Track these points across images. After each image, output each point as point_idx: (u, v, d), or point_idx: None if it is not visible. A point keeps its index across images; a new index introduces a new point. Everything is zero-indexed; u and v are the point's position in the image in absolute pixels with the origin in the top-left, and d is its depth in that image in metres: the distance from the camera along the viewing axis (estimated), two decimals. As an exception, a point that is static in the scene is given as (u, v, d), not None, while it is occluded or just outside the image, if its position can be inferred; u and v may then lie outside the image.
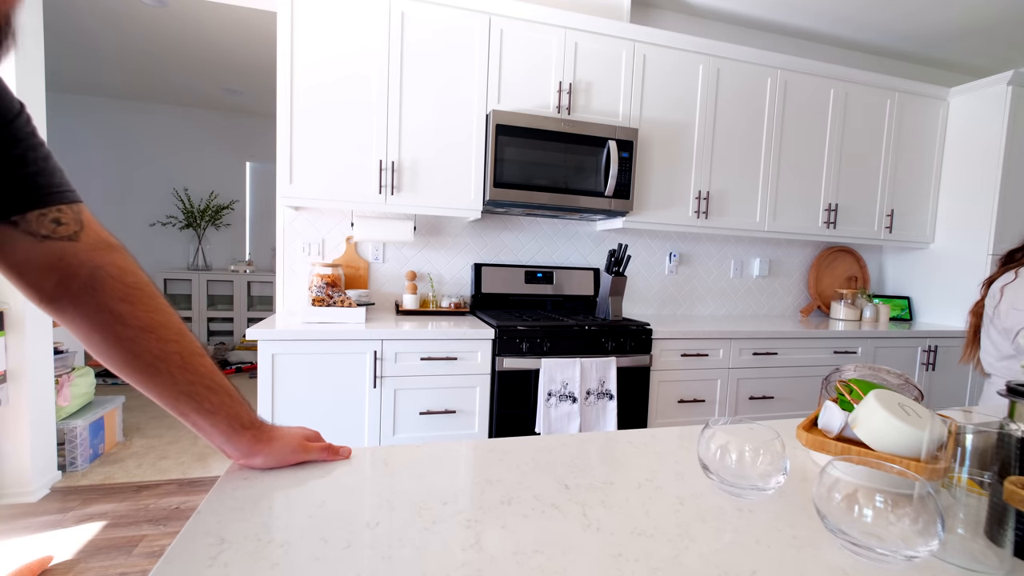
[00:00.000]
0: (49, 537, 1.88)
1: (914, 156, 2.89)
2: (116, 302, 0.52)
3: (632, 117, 2.34)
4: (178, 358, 0.55)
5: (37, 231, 0.49)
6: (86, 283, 0.51)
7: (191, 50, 3.37)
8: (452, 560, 0.47)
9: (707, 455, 0.64)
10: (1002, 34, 2.90)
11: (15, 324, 2.08)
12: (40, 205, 0.49)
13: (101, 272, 0.52)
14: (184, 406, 0.56)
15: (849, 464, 0.54)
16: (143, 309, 0.54)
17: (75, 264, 0.51)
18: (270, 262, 4.95)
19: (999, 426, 0.55)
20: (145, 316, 0.54)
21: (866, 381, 0.83)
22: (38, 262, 0.49)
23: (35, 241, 0.49)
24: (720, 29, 2.90)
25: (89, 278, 0.51)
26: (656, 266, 2.83)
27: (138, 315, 0.53)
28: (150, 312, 0.54)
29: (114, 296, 0.52)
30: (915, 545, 0.47)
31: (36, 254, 0.49)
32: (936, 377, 2.66)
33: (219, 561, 0.45)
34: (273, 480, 0.62)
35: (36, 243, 0.49)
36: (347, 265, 2.36)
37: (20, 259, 0.49)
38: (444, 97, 2.11)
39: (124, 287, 0.53)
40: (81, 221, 0.52)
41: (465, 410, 1.97)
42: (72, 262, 0.51)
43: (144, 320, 0.53)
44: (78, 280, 0.51)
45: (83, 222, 0.52)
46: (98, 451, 2.60)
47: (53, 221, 0.49)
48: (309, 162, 2.00)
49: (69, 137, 4.44)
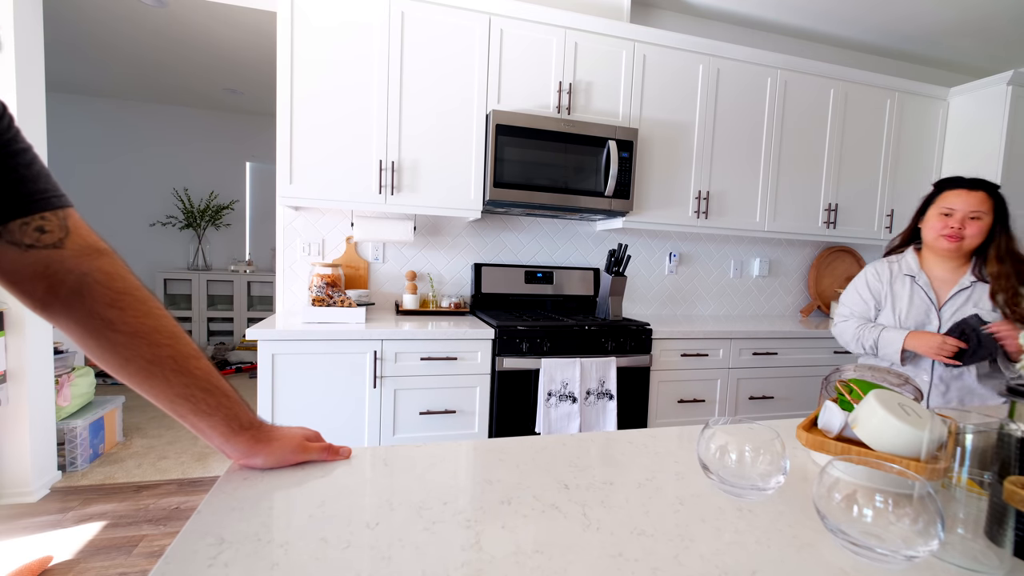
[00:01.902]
0: (49, 537, 1.88)
1: (914, 156, 2.89)
2: (105, 308, 0.52)
3: (632, 117, 2.34)
4: (172, 362, 0.55)
5: (21, 240, 0.48)
6: (74, 290, 0.51)
7: (191, 50, 3.37)
8: (452, 560, 0.47)
9: (707, 455, 0.64)
10: (1001, 34, 2.90)
11: (15, 324, 2.08)
12: (22, 214, 0.48)
13: (88, 279, 0.51)
14: (181, 408, 0.56)
15: (849, 464, 0.54)
16: (133, 314, 0.53)
17: (62, 272, 0.50)
18: (270, 262, 4.95)
19: (999, 426, 0.55)
20: (135, 321, 0.53)
21: (866, 381, 0.83)
22: (26, 271, 0.49)
23: (19, 251, 0.48)
24: (720, 29, 2.90)
25: (77, 285, 0.51)
26: (656, 266, 2.83)
27: (127, 320, 0.53)
28: (140, 317, 0.54)
29: (102, 302, 0.52)
30: (915, 545, 0.47)
31: (22, 263, 0.49)
32: (936, 377, 2.66)
33: (219, 561, 0.45)
34: (273, 480, 0.62)
35: (21, 252, 0.48)
36: (347, 265, 2.35)
37: (8, 268, 0.49)
38: (444, 97, 2.11)
39: (112, 293, 0.52)
40: (67, 227, 0.51)
41: (465, 410, 1.97)
42: (59, 269, 0.50)
43: (134, 325, 0.53)
44: (66, 287, 0.51)
45: (68, 228, 0.51)
46: (98, 451, 2.60)
47: (37, 230, 0.49)
48: (309, 162, 2.00)
49: (69, 137, 4.44)
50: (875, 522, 0.49)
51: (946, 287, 1.48)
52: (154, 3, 2.69)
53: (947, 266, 1.49)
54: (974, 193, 1.40)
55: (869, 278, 1.59)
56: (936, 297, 1.47)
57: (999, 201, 1.44)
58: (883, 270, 1.56)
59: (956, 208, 1.41)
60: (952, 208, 1.41)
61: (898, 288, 1.52)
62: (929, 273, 1.51)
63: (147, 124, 4.61)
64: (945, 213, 1.42)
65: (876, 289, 1.57)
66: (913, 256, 1.55)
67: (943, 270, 1.49)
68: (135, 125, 4.58)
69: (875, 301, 1.56)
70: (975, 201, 1.39)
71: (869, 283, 1.58)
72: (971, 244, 1.42)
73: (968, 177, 1.46)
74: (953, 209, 1.41)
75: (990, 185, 1.43)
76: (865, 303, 1.58)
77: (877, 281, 1.56)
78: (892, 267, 1.55)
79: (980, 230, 1.39)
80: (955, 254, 1.45)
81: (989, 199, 1.41)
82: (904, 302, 1.50)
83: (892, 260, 1.57)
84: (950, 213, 1.41)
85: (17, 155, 0.47)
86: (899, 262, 1.56)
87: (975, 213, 1.39)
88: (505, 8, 2.12)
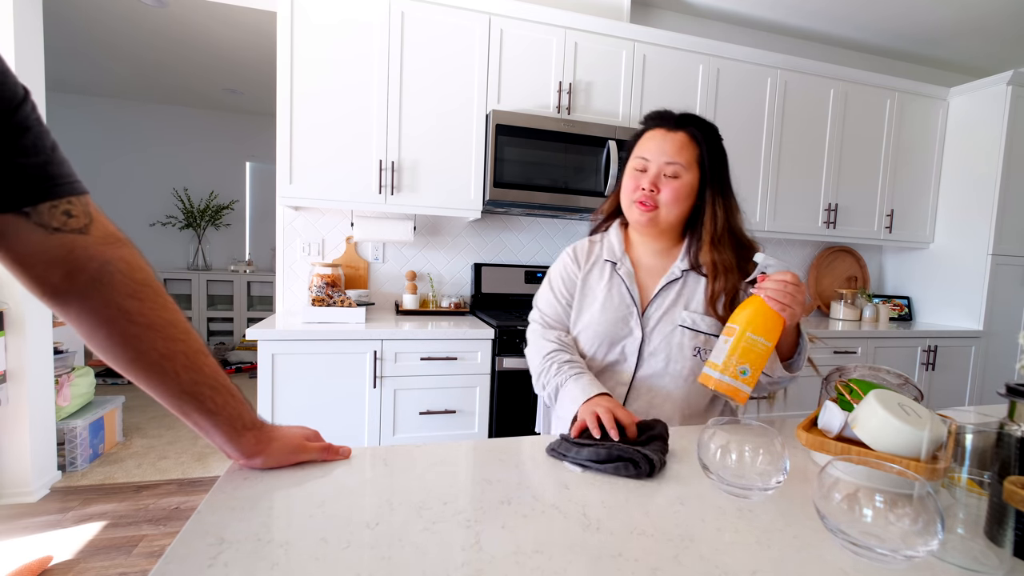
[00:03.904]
0: (49, 537, 1.88)
1: (914, 156, 2.89)
2: (124, 298, 0.51)
3: (632, 117, 2.34)
4: (184, 357, 0.54)
5: (49, 223, 0.47)
6: (94, 277, 0.50)
7: (191, 50, 3.36)
8: (452, 560, 0.47)
9: (707, 455, 0.64)
10: (1001, 33, 2.90)
11: (15, 324, 2.08)
12: (52, 196, 0.47)
13: (110, 267, 0.50)
14: (187, 405, 0.56)
15: (849, 464, 0.54)
16: (151, 306, 0.52)
17: (84, 258, 0.49)
18: (270, 262, 4.94)
19: (999, 426, 0.55)
20: (152, 314, 0.52)
21: (866, 381, 0.83)
22: (47, 255, 0.48)
23: (46, 233, 0.47)
24: (720, 29, 2.90)
25: (98, 272, 0.50)
26: (656, 266, 2.83)
27: (145, 312, 0.52)
28: (157, 310, 0.53)
29: (123, 292, 0.51)
30: (915, 545, 0.47)
31: (46, 247, 0.47)
32: (936, 377, 2.66)
33: (219, 561, 0.45)
34: (273, 480, 0.62)
35: (47, 235, 0.47)
36: (347, 265, 2.35)
37: (28, 251, 0.47)
38: (444, 96, 2.11)
39: (133, 283, 0.52)
40: (90, 213, 0.50)
41: (465, 410, 1.97)
42: (81, 255, 0.49)
43: (151, 318, 0.52)
44: (86, 274, 0.50)
45: (91, 215, 0.50)
46: (98, 451, 2.60)
47: (64, 213, 0.48)
48: (309, 162, 2.00)
49: (69, 137, 4.43)
50: (875, 522, 0.49)
51: (654, 280, 1.02)
52: (154, 3, 2.68)
53: (652, 248, 1.04)
54: (672, 135, 0.95)
55: (565, 265, 1.08)
56: (640, 295, 1.01)
57: (711, 148, 0.96)
58: (583, 253, 1.08)
59: (650, 159, 0.95)
60: (646, 159, 0.96)
61: (594, 280, 1.04)
62: (635, 259, 1.05)
63: (147, 124, 4.61)
64: (639, 168, 0.97)
65: (570, 282, 1.06)
66: (618, 234, 1.06)
67: (649, 254, 1.04)
68: (135, 125, 4.58)
69: (568, 298, 1.06)
70: (672, 148, 0.94)
71: (563, 272, 1.08)
72: (669, 216, 0.96)
73: (677, 112, 0.99)
74: (647, 161, 0.96)
75: (699, 122, 0.97)
76: (559, 302, 1.06)
77: (574, 268, 1.06)
78: (594, 249, 1.08)
79: (677, 194, 0.94)
80: (655, 231, 1.00)
81: (693, 145, 0.95)
82: (598, 302, 1.01)
83: (595, 240, 1.10)
84: (644, 168, 0.96)
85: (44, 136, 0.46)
86: (602, 242, 1.08)
87: (672, 167, 0.94)
88: (505, 8, 2.12)
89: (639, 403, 0.99)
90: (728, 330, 0.80)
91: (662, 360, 0.98)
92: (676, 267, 1.00)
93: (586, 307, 1.03)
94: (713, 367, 0.79)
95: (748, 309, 0.79)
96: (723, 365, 0.77)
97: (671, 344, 0.97)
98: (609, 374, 1.01)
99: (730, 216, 0.97)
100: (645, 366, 0.99)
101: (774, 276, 0.79)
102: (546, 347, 1.00)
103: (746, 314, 0.79)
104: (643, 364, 0.99)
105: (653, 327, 0.98)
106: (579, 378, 0.90)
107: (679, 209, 0.96)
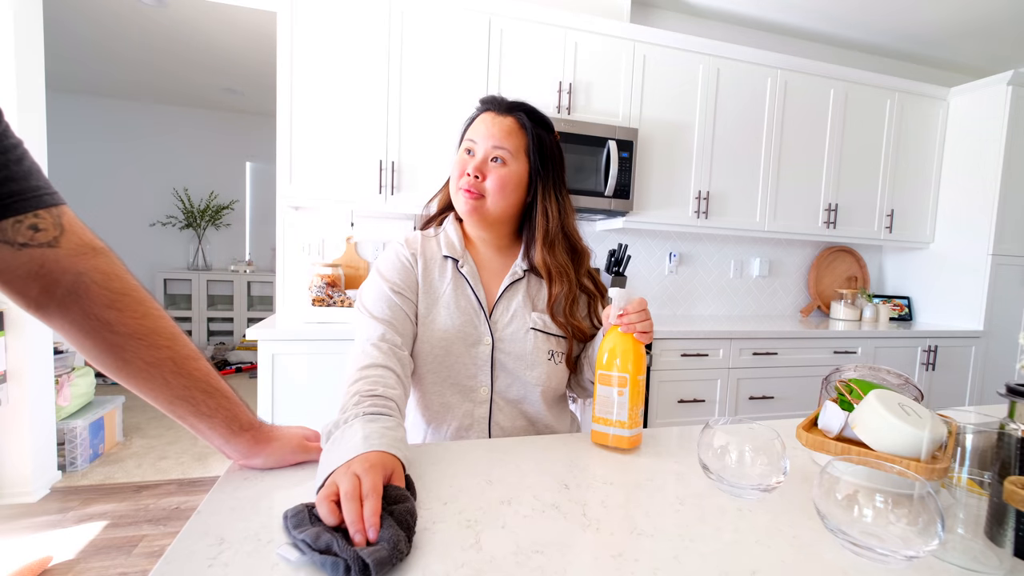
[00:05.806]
0: (49, 537, 1.88)
1: (914, 156, 2.89)
2: (103, 309, 0.50)
3: (632, 117, 2.34)
4: (171, 363, 0.54)
5: (14, 239, 0.46)
6: (70, 290, 0.49)
7: (191, 50, 3.36)
8: (452, 560, 0.47)
9: (707, 455, 0.64)
10: (1001, 33, 2.90)
11: (15, 324, 2.08)
12: (16, 212, 0.46)
13: (85, 279, 0.50)
14: (181, 410, 0.56)
15: (849, 464, 0.54)
16: (131, 315, 0.52)
17: (57, 271, 0.49)
18: (270, 262, 4.94)
19: (999, 426, 0.55)
20: (133, 323, 0.52)
21: (866, 381, 0.83)
22: (20, 270, 0.47)
23: (13, 250, 0.46)
24: (720, 29, 2.90)
25: (73, 285, 0.49)
26: (656, 266, 2.83)
27: (126, 322, 0.52)
28: (138, 318, 0.53)
29: (100, 303, 0.50)
30: (915, 545, 0.47)
31: (16, 263, 0.47)
32: (936, 377, 2.66)
33: (219, 561, 0.45)
34: (273, 480, 0.62)
35: (15, 251, 0.47)
36: (347, 265, 2.35)
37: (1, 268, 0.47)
38: (444, 96, 2.11)
39: (111, 293, 0.51)
40: (61, 225, 0.49)
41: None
42: (54, 268, 0.48)
43: (133, 327, 0.52)
44: (61, 287, 0.49)
45: (63, 226, 0.50)
46: (98, 451, 2.60)
47: (31, 228, 0.47)
48: (309, 162, 2.00)
49: (69, 137, 4.43)
50: (875, 522, 0.49)
51: (496, 279, 0.93)
52: (154, 3, 2.68)
53: (491, 244, 0.94)
54: (500, 119, 0.88)
55: (401, 258, 0.90)
56: (486, 296, 0.91)
57: (541, 139, 0.89)
58: (418, 247, 0.92)
59: (476, 141, 0.88)
60: (473, 141, 0.88)
61: (435, 278, 0.90)
62: (476, 257, 0.94)
63: (147, 124, 4.61)
64: (466, 150, 0.89)
65: (409, 279, 0.89)
66: (456, 229, 0.94)
67: (490, 251, 0.95)
68: (135, 125, 4.58)
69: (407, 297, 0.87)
70: (500, 132, 0.86)
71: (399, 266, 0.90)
72: (495, 207, 0.87)
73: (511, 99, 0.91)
74: (474, 143, 0.88)
75: (530, 110, 0.90)
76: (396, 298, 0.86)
77: (411, 263, 0.90)
78: (429, 244, 0.93)
79: (503, 182, 0.85)
80: (483, 222, 0.89)
81: (521, 132, 0.88)
82: (443, 303, 0.89)
83: (429, 234, 0.95)
84: (471, 150, 0.88)
85: (9, 150, 0.46)
86: (437, 237, 0.95)
87: (498, 151, 0.86)
88: (505, 8, 2.12)
89: (502, 415, 0.90)
90: (619, 380, 0.75)
91: (519, 366, 0.89)
92: (517, 266, 0.92)
93: (430, 308, 0.89)
94: (621, 426, 0.75)
95: (626, 350, 0.75)
96: (629, 420, 0.75)
97: (525, 348, 0.88)
98: (462, 388, 0.89)
99: (563, 216, 0.91)
100: (501, 374, 0.89)
101: (633, 308, 0.76)
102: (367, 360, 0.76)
103: (629, 358, 0.75)
104: (498, 371, 0.89)
105: (502, 330, 0.89)
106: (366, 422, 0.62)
107: (506, 201, 0.87)
